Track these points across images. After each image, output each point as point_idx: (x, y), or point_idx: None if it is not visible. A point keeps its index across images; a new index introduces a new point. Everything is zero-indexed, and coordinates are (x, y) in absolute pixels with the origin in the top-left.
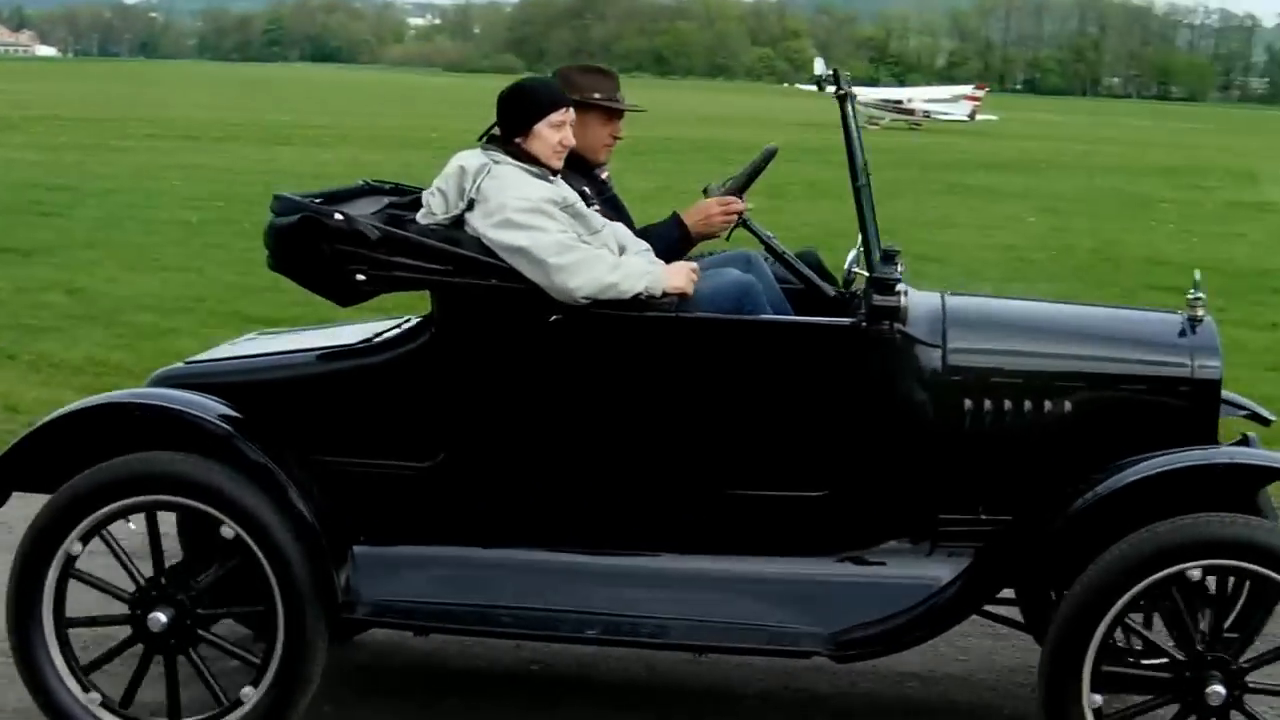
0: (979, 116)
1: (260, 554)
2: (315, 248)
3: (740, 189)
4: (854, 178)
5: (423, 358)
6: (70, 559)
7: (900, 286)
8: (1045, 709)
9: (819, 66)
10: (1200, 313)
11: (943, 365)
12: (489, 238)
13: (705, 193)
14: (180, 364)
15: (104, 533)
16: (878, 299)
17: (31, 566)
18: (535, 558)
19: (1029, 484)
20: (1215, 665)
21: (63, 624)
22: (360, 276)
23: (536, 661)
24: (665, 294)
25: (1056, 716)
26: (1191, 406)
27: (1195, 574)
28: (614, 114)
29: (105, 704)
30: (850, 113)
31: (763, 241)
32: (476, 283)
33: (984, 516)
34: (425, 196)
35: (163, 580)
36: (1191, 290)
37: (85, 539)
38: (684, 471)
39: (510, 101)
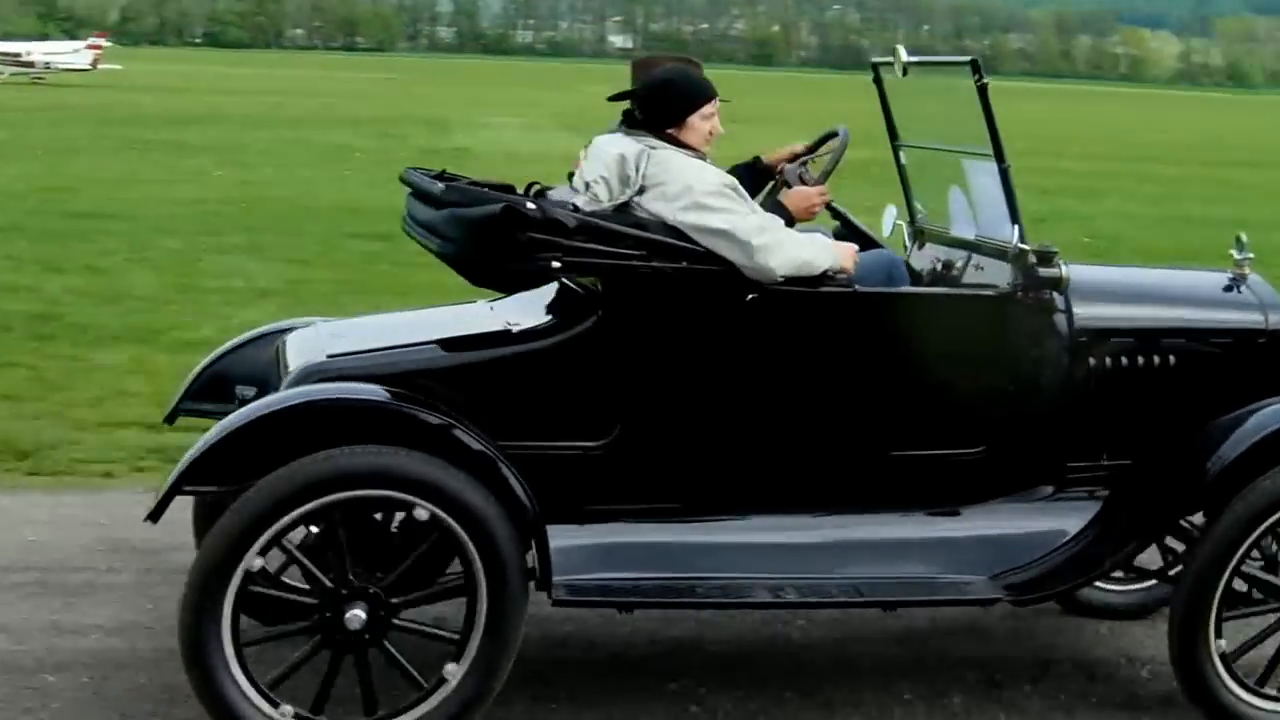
0: (101, 66)
1: (471, 546)
2: (511, 236)
3: (828, 174)
4: (999, 159)
5: (594, 338)
6: (253, 565)
7: (1058, 259)
8: (1179, 656)
9: (903, 54)
10: (1247, 271)
11: (1070, 327)
12: (679, 220)
13: (782, 173)
14: (323, 358)
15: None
16: (1043, 270)
17: (218, 573)
18: (716, 528)
19: (1143, 430)
20: None
21: (240, 638)
22: (556, 264)
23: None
24: (840, 270)
25: (1188, 659)
26: (1268, 355)
27: None
28: None
29: (298, 717)
30: (990, 101)
31: (841, 219)
32: (670, 266)
33: (1107, 462)
34: (583, 183)
35: (350, 576)
36: (1236, 251)
37: (278, 539)
38: (858, 437)
39: (661, 93)
